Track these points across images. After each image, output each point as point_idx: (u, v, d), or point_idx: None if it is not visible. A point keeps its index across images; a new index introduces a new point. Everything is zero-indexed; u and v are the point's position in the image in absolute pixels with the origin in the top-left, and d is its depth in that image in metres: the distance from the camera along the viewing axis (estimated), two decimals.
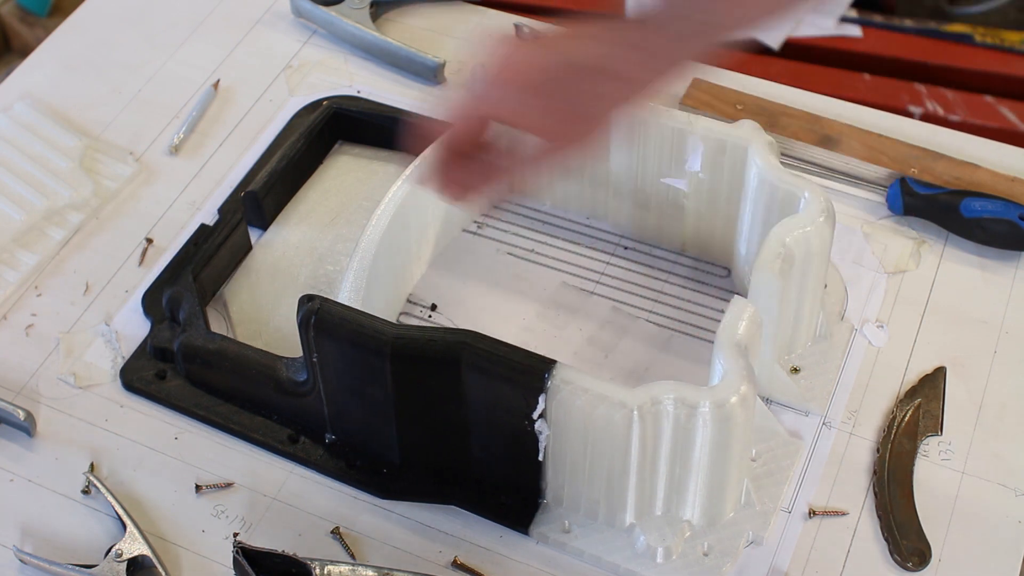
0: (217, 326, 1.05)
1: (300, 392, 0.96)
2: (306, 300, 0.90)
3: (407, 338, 0.87)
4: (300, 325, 0.89)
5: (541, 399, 0.85)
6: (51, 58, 1.29)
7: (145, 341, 1.03)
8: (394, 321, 1.05)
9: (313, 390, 0.95)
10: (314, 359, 0.92)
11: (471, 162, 0.80)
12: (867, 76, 1.80)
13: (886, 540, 0.93)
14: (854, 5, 1.92)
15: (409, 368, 0.88)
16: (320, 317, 0.89)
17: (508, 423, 0.88)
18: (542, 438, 0.87)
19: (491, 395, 0.87)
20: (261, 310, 1.07)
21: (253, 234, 1.12)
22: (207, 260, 1.05)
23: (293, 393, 0.96)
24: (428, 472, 0.95)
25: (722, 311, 0.90)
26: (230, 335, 1.04)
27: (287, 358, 0.97)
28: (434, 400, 0.90)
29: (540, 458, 0.89)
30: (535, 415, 0.86)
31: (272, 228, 1.13)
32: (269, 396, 0.98)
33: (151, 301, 1.06)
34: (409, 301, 1.07)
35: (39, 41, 1.33)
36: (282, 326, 1.05)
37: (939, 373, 1.02)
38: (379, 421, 0.93)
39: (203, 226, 1.11)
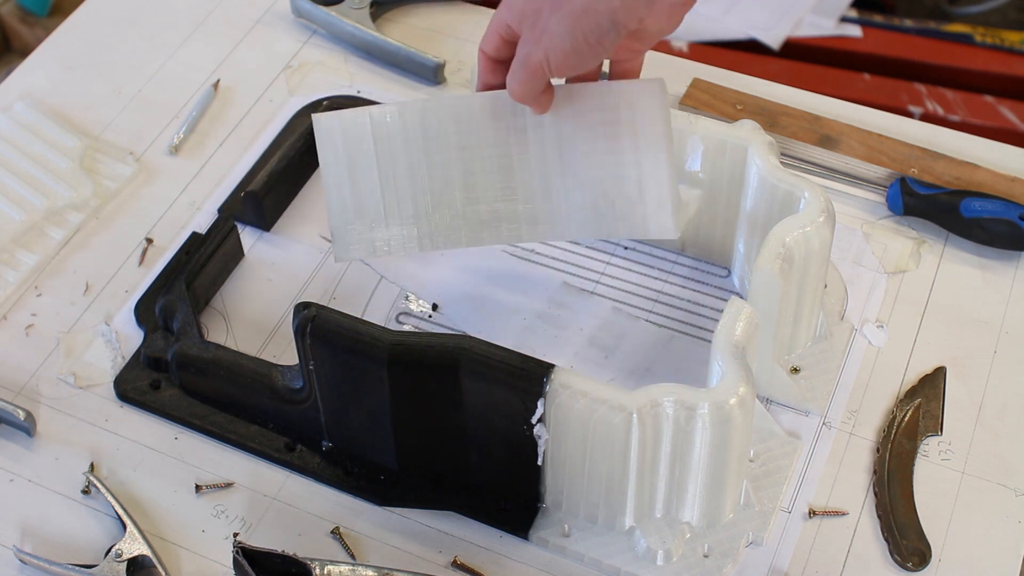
0: (217, 333, 1.05)
1: (296, 400, 0.96)
2: (302, 307, 0.89)
3: (404, 344, 0.87)
4: (296, 332, 0.89)
5: (540, 403, 0.85)
6: (51, 58, 1.29)
7: (139, 351, 1.03)
8: (393, 320, 1.05)
9: (309, 398, 0.94)
10: (310, 367, 0.91)
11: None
12: (867, 76, 1.80)
13: (886, 540, 0.93)
14: (854, 5, 1.92)
15: (406, 374, 0.88)
16: (316, 324, 0.88)
17: (506, 428, 0.88)
18: (541, 442, 0.87)
19: (489, 400, 0.87)
20: (263, 315, 1.07)
21: (253, 235, 1.12)
22: (200, 268, 1.05)
23: (289, 401, 0.96)
24: (426, 478, 0.95)
25: (722, 311, 0.90)
26: (231, 341, 1.04)
27: (283, 366, 0.97)
28: (432, 406, 0.90)
29: (539, 463, 0.89)
30: (534, 420, 0.86)
31: (272, 229, 1.13)
32: (265, 404, 0.98)
33: (144, 311, 1.06)
34: (410, 301, 1.07)
35: (39, 41, 1.33)
36: (284, 331, 1.05)
37: (939, 373, 1.02)
38: (376, 428, 0.93)
39: (194, 234, 1.10)
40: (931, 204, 1.11)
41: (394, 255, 1.00)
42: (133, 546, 0.91)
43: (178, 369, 1.00)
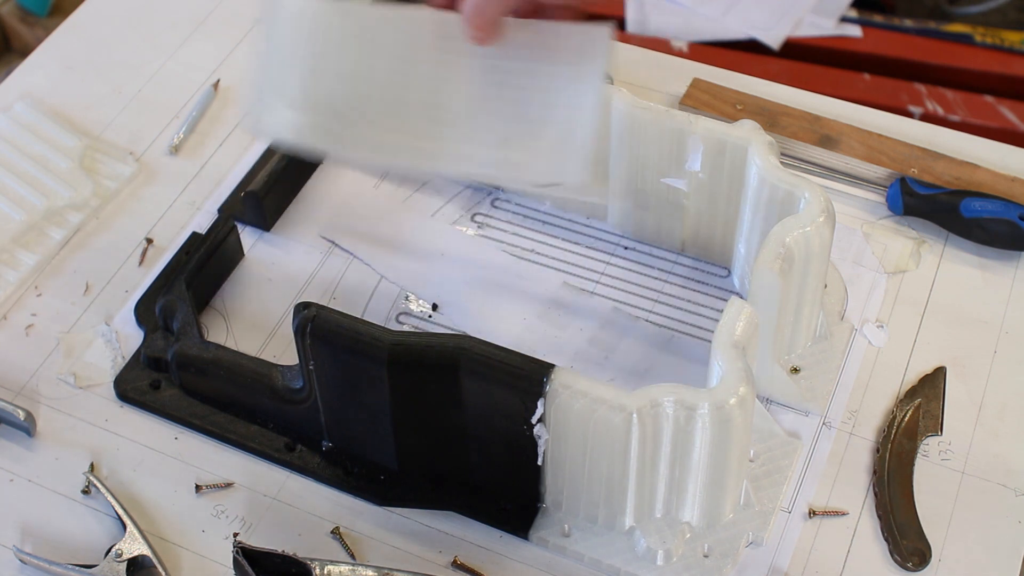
0: (217, 333, 1.05)
1: (296, 400, 0.96)
2: (302, 307, 0.89)
3: (404, 344, 0.87)
4: (296, 332, 0.89)
5: (540, 403, 0.85)
6: (51, 58, 1.29)
7: (139, 351, 1.03)
8: (393, 320, 1.05)
9: (309, 397, 0.94)
10: (310, 367, 0.91)
11: None
12: (867, 76, 1.80)
13: (886, 540, 0.93)
14: (854, 5, 1.92)
15: (407, 374, 0.88)
16: (316, 324, 0.88)
17: (507, 428, 0.88)
18: (541, 442, 0.87)
19: (489, 400, 0.87)
20: (263, 315, 1.07)
21: (253, 235, 1.12)
22: (200, 268, 1.05)
23: (289, 401, 0.96)
24: (426, 478, 0.95)
25: (722, 311, 0.90)
26: (231, 341, 1.04)
27: (283, 366, 0.97)
28: (432, 406, 0.90)
29: (539, 463, 0.89)
30: (534, 420, 0.86)
31: (272, 229, 1.13)
32: (265, 404, 0.98)
33: (144, 311, 1.06)
34: (410, 301, 1.07)
35: (39, 41, 1.33)
36: (284, 331, 1.05)
37: (939, 373, 1.02)
38: (376, 428, 0.93)
39: (194, 234, 1.10)
40: (931, 204, 1.11)
41: (297, 144, 0.95)
42: (133, 546, 0.91)
43: (178, 369, 1.00)
